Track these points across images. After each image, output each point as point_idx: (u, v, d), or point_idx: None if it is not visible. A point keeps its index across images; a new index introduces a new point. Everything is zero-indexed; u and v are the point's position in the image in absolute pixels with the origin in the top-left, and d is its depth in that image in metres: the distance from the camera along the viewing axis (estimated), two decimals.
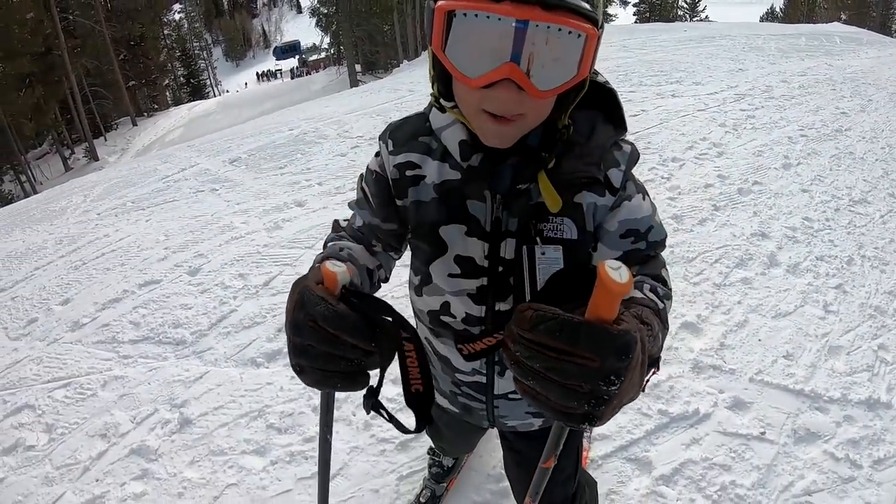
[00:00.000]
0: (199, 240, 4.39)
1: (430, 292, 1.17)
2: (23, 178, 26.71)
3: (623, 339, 0.63)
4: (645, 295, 0.94)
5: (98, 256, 4.36)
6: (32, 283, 4.12)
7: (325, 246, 1.21)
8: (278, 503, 2.25)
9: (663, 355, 2.95)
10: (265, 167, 6.09)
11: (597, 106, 1.04)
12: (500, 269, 1.06)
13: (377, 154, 1.16)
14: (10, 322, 3.65)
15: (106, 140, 30.82)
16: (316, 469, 1.34)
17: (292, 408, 2.64)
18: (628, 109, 6.04)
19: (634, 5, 49.83)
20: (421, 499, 2.24)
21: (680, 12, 50.72)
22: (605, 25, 0.93)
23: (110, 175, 7.19)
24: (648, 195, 1.09)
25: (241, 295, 3.56)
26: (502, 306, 1.10)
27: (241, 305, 3.44)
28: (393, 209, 1.15)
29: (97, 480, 2.38)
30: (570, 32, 0.79)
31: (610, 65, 9.28)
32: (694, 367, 2.84)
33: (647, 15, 49.01)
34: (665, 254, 1.13)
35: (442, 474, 2.27)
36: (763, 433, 2.52)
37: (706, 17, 48.81)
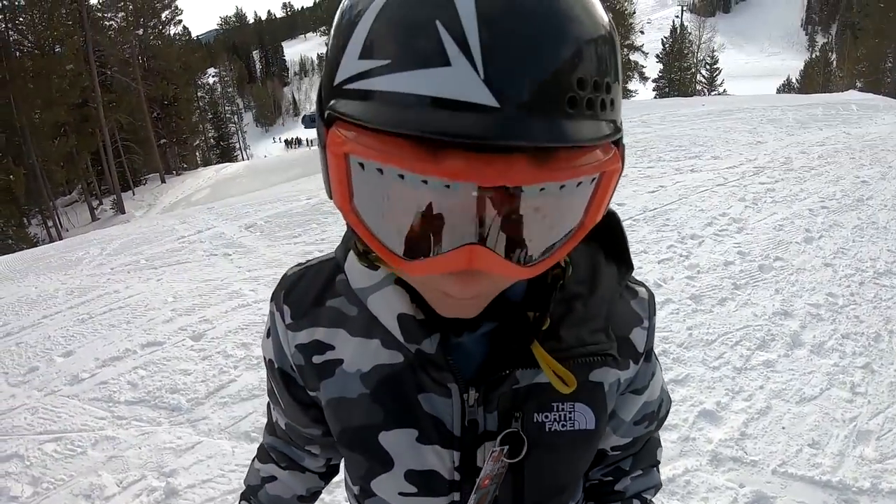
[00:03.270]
0: (207, 304, 4.38)
1: None
2: (49, 223, 27.26)
3: None
4: None
5: (105, 312, 4.39)
6: (38, 332, 4.20)
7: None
8: None
9: (680, 447, 2.83)
10: (279, 235, 6.13)
11: (594, 236, 0.69)
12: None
13: (268, 332, 0.77)
14: (11, 368, 3.72)
15: (134, 194, 31.35)
16: None
17: None
18: (647, 185, 6.03)
19: (654, 80, 50.89)
20: None
21: (699, 87, 51.82)
22: (624, 102, 0.63)
23: (129, 230, 7.47)
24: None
25: (242, 365, 3.49)
26: None
27: (241, 376, 3.37)
28: (312, 413, 0.79)
29: None
30: (578, 184, 0.46)
31: (629, 140, 9.34)
32: (712, 459, 2.69)
33: (667, 90, 50.11)
34: (683, 335, 0.95)
35: None
36: None
37: (724, 90, 49.84)
